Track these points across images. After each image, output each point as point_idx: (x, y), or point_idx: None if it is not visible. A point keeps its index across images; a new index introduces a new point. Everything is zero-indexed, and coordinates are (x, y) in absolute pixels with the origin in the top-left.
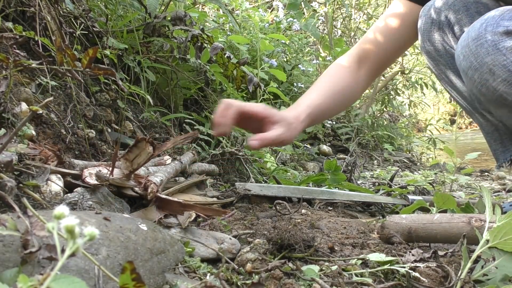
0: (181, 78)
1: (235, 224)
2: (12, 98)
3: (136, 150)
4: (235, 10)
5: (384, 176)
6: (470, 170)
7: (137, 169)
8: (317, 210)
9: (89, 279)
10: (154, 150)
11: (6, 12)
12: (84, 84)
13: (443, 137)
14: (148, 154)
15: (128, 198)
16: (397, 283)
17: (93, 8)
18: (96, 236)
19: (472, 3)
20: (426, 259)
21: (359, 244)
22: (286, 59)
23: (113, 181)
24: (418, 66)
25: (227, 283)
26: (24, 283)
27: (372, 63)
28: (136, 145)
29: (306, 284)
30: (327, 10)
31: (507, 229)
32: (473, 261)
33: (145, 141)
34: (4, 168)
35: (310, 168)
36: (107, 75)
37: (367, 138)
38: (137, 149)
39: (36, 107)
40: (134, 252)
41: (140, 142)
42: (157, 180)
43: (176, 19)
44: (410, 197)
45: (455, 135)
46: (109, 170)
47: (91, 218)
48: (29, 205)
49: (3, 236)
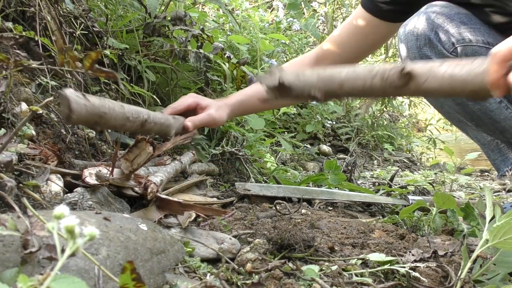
0: (181, 78)
1: (235, 224)
2: (12, 98)
3: (136, 150)
4: (235, 10)
5: (384, 176)
6: (470, 170)
7: (137, 169)
8: (317, 210)
9: (89, 279)
10: (154, 150)
11: (6, 12)
12: (84, 84)
13: (443, 137)
14: (148, 154)
15: (128, 198)
16: (397, 283)
17: (93, 8)
18: (96, 236)
19: (455, 14)
20: (426, 259)
21: (359, 244)
22: (286, 59)
23: (113, 181)
24: None
25: (227, 283)
26: (24, 283)
27: (328, 64)
28: (136, 145)
29: (306, 284)
30: (327, 10)
31: (507, 229)
32: (473, 261)
33: (145, 141)
34: (4, 168)
35: (310, 168)
36: (109, 77)
37: (367, 138)
38: (137, 149)
39: (36, 107)
40: (134, 252)
41: (140, 142)
42: (157, 180)
43: (176, 19)
44: (410, 197)
45: (455, 135)
46: (109, 170)
47: (91, 218)
48: (29, 205)
49: (3, 236)
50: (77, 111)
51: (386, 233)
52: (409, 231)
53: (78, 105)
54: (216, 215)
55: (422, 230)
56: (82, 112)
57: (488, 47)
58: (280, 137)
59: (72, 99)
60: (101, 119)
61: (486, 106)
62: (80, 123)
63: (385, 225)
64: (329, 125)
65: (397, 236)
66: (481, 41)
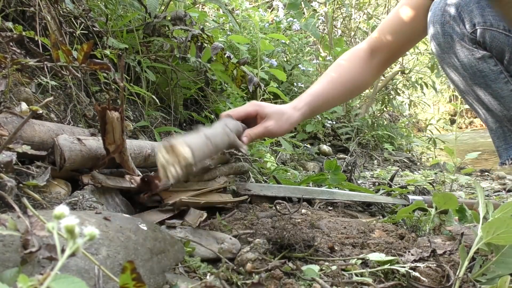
0: (181, 78)
1: (235, 224)
2: (12, 98)
3: (109, 127)
4: (235, 10)
5: (384, 176)
6: (470, 170)
7: (123, 144)
8: (317, 210)
9: (89, 279)
10: (120, 113)
11: (6, 12)
12: (84, 84)
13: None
14: (117, 120)
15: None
16: (397, 283)
17: (93, 8)
18: (96, 236)
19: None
20: (426, 259)
21: (359, 244)
22: (286, 59)
23: (107, 184)
24: (418, 66)
25: (227, 283)
26: (24, 283)
27: (385, 53)
28: (105, 122)
29: (306, 284)
30: (327, 10)
31: (498, 224)
32: (470, 258)
33: (107, 109)
34: (4, 168)
35: (310, 168)
36: (103, 69)
37: (367, 138)
38: (109, 125)
39: (36, 107)
40: (134, 252)
41: (104, 115)
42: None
43: (176, 19)
44: (410, 197)
45: (455, 135)
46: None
47: (91, 218)
48: (29, 205)
49: (3, 236)
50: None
51: (386, 233)
52: (409, 231)
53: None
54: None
55: (423, 230)
56: None
57: (508, 34)
58: (280, 137)
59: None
60: None
61: (498, 92)
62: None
63: (385, 225)
64: (329, 125)
65: (397, 236)
66: (502, 27)
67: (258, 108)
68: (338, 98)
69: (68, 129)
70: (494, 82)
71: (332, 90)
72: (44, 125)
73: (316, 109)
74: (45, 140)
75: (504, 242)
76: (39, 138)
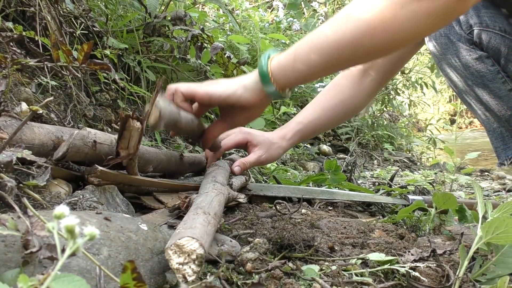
0: (181, 78)
1: (235, 224)
2: (12, 98)
3: (127, 134)
4: (235, 10)
5: (384, 176)
6: (470, 170)
7: (136, 152)
8: (317, 210)
9: (90, 279)
10: (141, 123)
11: (6, 12)
12: (84, 84)
13: (443, 137)
14: (138, 130)
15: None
16: (397, 283)
17: (93, 8)
18: (96, 236)
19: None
20: (426, 258)
21: (359, 244)
22: None
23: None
24: (418, 66)
25: (227, 283)
26: (24, 283)
27: (376, 72)
28: (124, 128)
29: (306, 284)
30: (327, 10)
31: (497, 224)
32: (470, 258)
33: (130, 118)
34: (4, 168)
35: (310, 168)
36: (103, 69)
37: (367, 138)
38: (127, 131)
39: (36, 107)
40: (135, 252)
41: (126, 121)
42: None
43: (176, 19)
44: (410, 197)
45: (455, 135)
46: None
47: (91, 218)
48: (30, 205)
49: (5, 236)
50: None
51: (386, 233)
52: (409, 231)
53: None
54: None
55: (423, 230)
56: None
57: (504, 35)
58: None
59: None
60: None
61: (495, 92)
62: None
63: (385, 225)
64: None
65: (397, 236)
66: (498, 27)
67: (248, 137)
68: (329, 123)
69: (67, 131)
70: (491, 82)
71: (322, 116)
72: (43, 127)
73: (306, 136)
74: (45, 142)
75: (504, 242)
76: (39, 140)
